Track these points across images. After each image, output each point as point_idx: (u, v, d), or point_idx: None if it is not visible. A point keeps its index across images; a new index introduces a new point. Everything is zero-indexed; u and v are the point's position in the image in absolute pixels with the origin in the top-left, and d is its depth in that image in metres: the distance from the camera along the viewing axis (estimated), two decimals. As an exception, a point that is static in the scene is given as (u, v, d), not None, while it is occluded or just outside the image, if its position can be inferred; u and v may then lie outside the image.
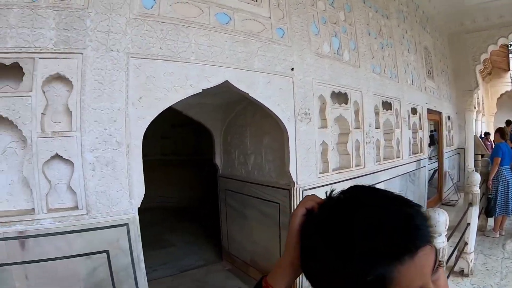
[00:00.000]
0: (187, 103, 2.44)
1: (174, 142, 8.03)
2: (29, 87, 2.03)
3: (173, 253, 5.13)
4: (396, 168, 4.90)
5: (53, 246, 2.09)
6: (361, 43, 4.18)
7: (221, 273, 4.36)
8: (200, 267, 4.56)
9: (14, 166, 2.19)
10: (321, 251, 0.64)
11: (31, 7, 2.04)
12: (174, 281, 4.12)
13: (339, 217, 0.62)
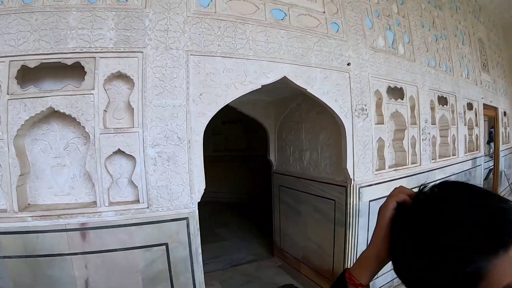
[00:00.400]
0: (240, 100, 2.46)
1: (225, 138, 8.15)
2: (91, 86, 2.14)
3: (224, 247, 5.22)
4: (451, 166, 4.66)
5: (113, 238, 2.20)
6: (415, 36, 4.01)
7: (272, 269, 4.38)
8: (251, 262, 4.61)
9: (76, 161, 2.33)
10: (415, 244, 0.63)
11: (90, 9, 2.15)
12: (225, 274, 4.20)
13: (433, 211, 0.62)
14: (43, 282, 2.18)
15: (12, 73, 2.10)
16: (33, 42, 2.10)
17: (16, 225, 2.13)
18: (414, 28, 4.03)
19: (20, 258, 2.15)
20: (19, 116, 2.10)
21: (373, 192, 3.22)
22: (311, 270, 3.81)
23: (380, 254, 0.75)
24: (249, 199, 7.91)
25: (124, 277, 2.27)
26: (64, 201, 2.34)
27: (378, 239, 0.75)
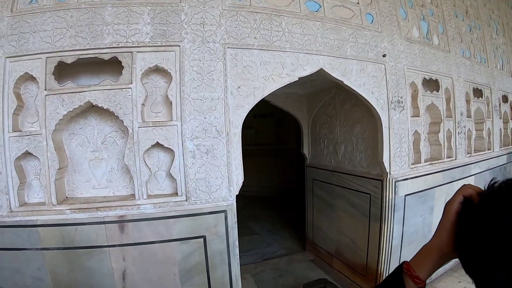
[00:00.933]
0: (274, 93, 2.43)
1: (255, 132, 8.10)
2: (129, 80, 2.16)
3: (255, 241, 5.23)
4: (487, 161, 4.49)
5: (151, 230, 2.23)
6: (449, 26, 3.87)
7: (304, 263, 4.35)
8: (283, 256, 4.60)
9: (114, 154, 2.37)
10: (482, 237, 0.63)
11: (125, 5, 2.17)
12: (257, 268, 4.22)
13: (501, 205, 0.61)
14: (81, 274, 2.24)
15: (49, 69, 2.15)
16: (70, 38, 2.14)
17: (54, 218, 2.18)
18: (448, 18, 3.89)
19: (58, 250, 2.21)
20: (57, 111, 2.15)
21: (409, 186, 3.15)
22: (344, 264, 3.78)
23: (443, 248, 0.74)
24: (280, 193, 7.93)
25: (161, 269, 2.30)
26: (101, 194, 2.38)
27: (443, 232, 0.75)
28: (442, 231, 0.75)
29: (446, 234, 0.74)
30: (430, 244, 0.78)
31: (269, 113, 7.68)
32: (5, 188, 2.16)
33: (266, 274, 4.04)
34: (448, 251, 0.74)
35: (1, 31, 2.15)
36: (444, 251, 0.74)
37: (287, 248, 4.90)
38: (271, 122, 8.05)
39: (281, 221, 6.15)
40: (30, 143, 2.16)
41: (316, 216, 4.40)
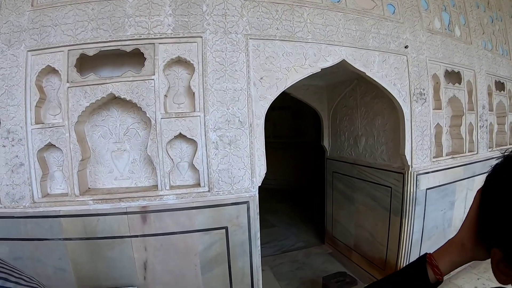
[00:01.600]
0: (294, 84, 2.41)
1: (273, 124, 7.92)
2: (151, 71, 2.17)
3: (274, 233, 5.23)
4: (508, 157, 4.40)
5: (174, 221, 2.24)
6: (470, 17, 3.78)
7: (322, 256, 4.35)
8: (301, 249, 4.60)
9: (136, 145, 2.39)
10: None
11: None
12: (275, 260, 4.22)
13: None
14: (102, 264, 2.27)
15: (71, 62, 2.17)
16: (91, 31, 2.15)
17: (77, 208, 2.21)
18: (470, 9, 3.80)
19: (81, 240, 2.24)
20: (79, 103, 2.17)
21: (430, 180, 3.10)
22: (363, 258, 3.76)
23: (464, 242, 0.74)
24: (298, 186, 7.89)
25: (182, 259, 2.31)
26: (124, 185, 2.41)
27: (465, 226, 0.75)
28: (463, 226, 0.75)
29: (468, 229, 0.74)
30: (453, 238, 0.78)
31: (287, 106, 7.57)
32: (28, 179, 2.20)
33: (285, 266, 4.05)
34: (469, 246, 0.73)
35: (22, 25, 2.18)
36: (466, 245, 0.74)
37: (305, 241, 4.90)
38: (289, 115, 7.98)
39: (299, 214, 6.14)
40: (52, 135, 2.19)
41: (335, 209, 4.38)
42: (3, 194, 2.20)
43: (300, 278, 3.72)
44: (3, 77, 2.16)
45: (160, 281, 2.32)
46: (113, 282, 2.28)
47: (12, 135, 2.17)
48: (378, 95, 3.19)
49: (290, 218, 5.96)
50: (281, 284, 3.60)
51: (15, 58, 2.17)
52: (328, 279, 3.08)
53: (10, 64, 2.17)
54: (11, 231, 2.20)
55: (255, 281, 2.44)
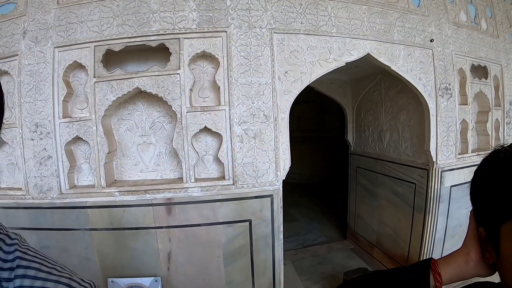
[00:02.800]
0: (318, 79, 2.40)
1: (297, 118, 7.82)
2: (176, 66, 2.19)
3: (296, 227, 5.23)
4: (534, 155, 4.27)
5: (198, 213, 2.27)
6: (497, 9, 3.67)
7: (344, 251, 4.32)
8: (322, 244, 4.59)
9: (161, 139, 2.43)
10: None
11: None
12: (297, 255, 4.22)
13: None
14: (126, 254, 2.32)
15: (97, 57, 2.22)
16: (117, 27, 2.20)
17: (103, 200, 2.27)
18: (496, 1, 3.70)
19: (106, 230, 2.30)
20: (106, 97, 2.22)
21: (455, 177, 3.04)
22: (385, 255, 3.72)
23: (469, 253, 0.74)
24: (321, 180, 7.85)
25: (205, 251, 2.35)
26: (149, 178, 2.46)
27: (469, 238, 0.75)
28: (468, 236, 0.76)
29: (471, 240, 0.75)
30: (459, 249, 0.78)
31: (311, 100, 7.47)
32: (56, 171, 2.26)
33: (306, 261, 4.05)
34: (475, 258, 0.74)
35: (49, 22, 2.24)
36: (471, 257, 0.74)
37: (327, 236, 4.89)
38: (314, 109, 7.89)
39: (321, 209, 6.11)
40: (80, 128, 2.25)
41: (358, 205, 4.35)
42: (31, 186, 2.28)
43: (321, 273, 3.71)
44: (31, 73, 2.22)
45: (183, 272, 2.36)
46: (137, 272, 2.33)
47: (40, 129, 2.24)
48: (403, 90, 3.15)
49: (312, 213, 5.95)
50: (302, 279, 3.60)
51: (42, 55, 2.23)
52: (349, 275, 3.06)
53: (38, 61, 2.24)
54: (39, 221, 2.27)
55: (276, 275, 2.45)
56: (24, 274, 0.51)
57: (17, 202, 2.29)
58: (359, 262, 3.94)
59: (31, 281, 0.50)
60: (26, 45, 2.25)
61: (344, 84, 4.20)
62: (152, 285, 2.31)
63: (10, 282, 0.49)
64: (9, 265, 0.51)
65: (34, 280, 0.50)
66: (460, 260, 0.75)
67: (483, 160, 0.72)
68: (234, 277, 2.41)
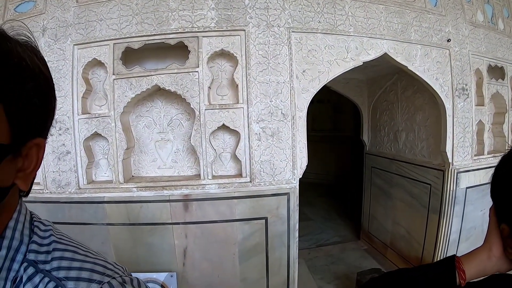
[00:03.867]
0: (334, 78, 2.40)
1: (312, 118, 7.72)
2: (195, 63, 2.22)
3: (310, 226, 5.23)
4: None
5: (215, 210, 2.30)
6: (514, 9, 3.64)
7: (357, 251, 4.32)
8: (336, 244, 4.59)
9: (179, 136, 2.46)
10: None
11: None
12: (310, 254, 4.24)
13: None
14: (143, 249, 2.36)
15: (116, 55, 2.25)
16: (136, 25, 2.23)
17: (121, 195, 2.31)
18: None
19: (123, 225, 2.34)
20: (125, 94, 2.25)
21: (471, 178, 3.01)
22: (398, 256, 3.71)
23: (492, 249, 0.76)
24: (335, 180, 7.84)
25: (221, 248, 2.37)
26: (166, 174, 2.49)
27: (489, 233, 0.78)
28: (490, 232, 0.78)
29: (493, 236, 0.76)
30: (481, 246, 0.80)
31: (326, 99, 7.52)
32: (74, 166, 2.31)
33: (319, 260, 4.06)
34: (497, 254, 0.75)
35: (68, 20, 2.28)
36: (493, 252, 0.75)
37: (341, 236, 4.89)
38: (329, 108, 7.88)
39: (336, 209, 6.11)
40: (98, 124, 2.29)
41: (372, 205, 4.33)
42: (50, 180, 2.32)
43: (334, 272, 3.72)
44: (50, 70, 2.21)
45: (199, 268, 2.39)
46: (153, 267, 2.36)
47: (59, 125, 2.28)
48: (419, 90, 3.13)
49: (327, 212, 5.95)
50: (315, 278, 3.61)
51: (61, 52, 2.28)
52: (363, 275, 3.05)
53: (57, 58, 2.28)
54: (56, 215, 2.31)
55: (291, 273, 2.46)
56: (62, 256, 0.53)
57: (35, 196, 2.32)
58: (372, 262, 3.93)
59: (69, 262, 0.52)
60: (46, 42, 2.29)
61: (360, 83, 4.19)
62: (167, 280, 2.33)
63: (47, 264, 0.51)
64: (45, 248, 0.53)
65: (72, 261, 0.52)
66: (483, 257, 0.76)
67: (503, 157, 0.74)
68: (249, 275, 2.43)
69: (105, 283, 0.50)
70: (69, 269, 0.51)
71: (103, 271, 0.53)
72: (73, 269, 0.51)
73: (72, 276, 0.50)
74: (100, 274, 0.52)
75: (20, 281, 0.49)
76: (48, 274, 0.50)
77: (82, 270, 0.51)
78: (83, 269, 0.52)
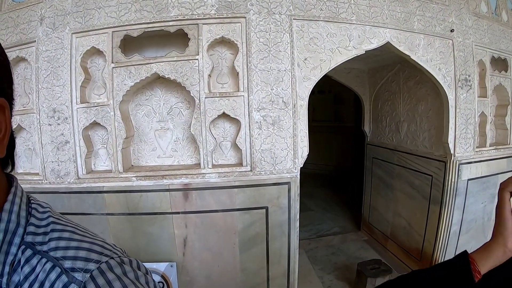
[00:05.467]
0: (335, 67, 2.38)
1: (313, 108, 7.79)
2: (195, 51, 2.19)
3: (310, 217, 5.26)
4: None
5: (215, 199, 2.29)
6: (518, 2, 3.60)
7: (357, 242, 4.34)
8: (336, 234, 4.62)
9: (179, 124, 2.45)
10: None
11: None
12: (310, 244, 4.25)
13: None
14: (142, 239, 2.35)
15: (115, 43, 2.23)
16: (135, 12, 2.20)
17: (120, 185, 2.30)
18: (517, -7, 3.61)
19: (123, 215, 2.33)
20: (124, 82, 2.23)
21: (473, 170, 3.00)
22: (399, 247, 3.71)
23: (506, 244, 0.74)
24: (336, 171, 7.86)
25: (221, 237, 2.36)
26: (166, 163, 2.48)
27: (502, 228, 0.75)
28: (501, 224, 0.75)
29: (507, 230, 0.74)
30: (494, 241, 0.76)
31: (327, 90, 7.52)
32: (73, 156, 2.29)
33: (319, 250, 4.08)
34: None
35: (66, 8, 2.25)
36: (508, 247, 0.73)
37: (341, 226, 4.91)
38: (330, 99, 7.86)
39: (336, 200, 6.13)
40: (97, 113, 2.27)
41: (373, 196, 4.33)
42: (48, 171, 2.31)
43: (334, 263, 3.73)
44: (49, 59, 2.24)
45: (199, 258, 2.38)
46: (152, 257, 2.35)
47: (58, 114, 2.27)
48: (421, 80, 3.11)
49: (327, 203, 5.97)
50: (315, 268, 3.63)
51: (60, 41, 2.25)
52: (363, 266, 3.06)
53: (55, 47, 2.25)
54: (55, 205, 2.22)
55: (291, 263, 2.45)
56: (60, 236, 0.53)
57: (34, 187, 2.32)
58: (372, 253, 3.94)
59: (67, 242, 0.52)
60: (44, 31, 2.27)
61: (361, 73, 4.17)
62: (167, 270, 2.33)
63: (44, 245, 0.51)
64: (42, 230, 0.53)
65: (70, 241, 0.52)
66: (499, 253, 0.74)
67: None
68: (249, 264, 2.42)
69: (103, 262, 0.50)
70: (66, 248, 0.51)
71: (101, 251, 0.53)
72: (70, 248, 0.51)
73: (70, 256, 0.50)
74: (98, 254, 0.52)
75: (18, 263, 0.49)
76: (45, 254, 0.50)
77: (79, 249, 0.51)
78: (81, 248, 0.52)
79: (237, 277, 2.43)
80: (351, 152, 7.26)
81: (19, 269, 0.48)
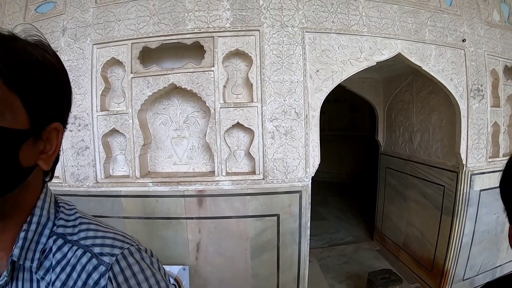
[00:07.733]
0: (349, 77, 2.42)
1: (329, 117, 7.86)
2: (211, 63, 2.28)
3: (323, 226, 5.23)
4: None
5: (228, 206, 2.36)
6: (532, 9, 3.57)
7: (370, 252, 4.31)
8: (349, 243, 4.59)
9: (195, 133, 2.53)
10: None
11: None
12: (323, 253, 4.25)
13: None
14: (157, 242, 2.42)
15: (134, 54, 2.33)
16: (153, 25, 2.30)
17: (137, 189, 2.39)
18: (531, -2, 3.58)
19: (139, 219, 2.42)
20: (142, 92, 2.32)
21: (485, 181, 2.96)
22: (410, 258, 3.68)
23: None
24: (351, 180, 7.81)
25: (233, 243, 2.42)
26: (182, 170, 2.57)
27: None
28: None
29: None
30: None
31: (342, 99, 7.51)
32: (92, 161, 2.40)
33: (332, 259, 4.07)
34: None
35: (87, 21, 2.37)
36: None
37: (354, 236, 4.88)
38: (345, 108, 7.84)
39: (350, 209, 6.08)
40: (117, 121, 2.37)
41: (386, 206, 4.31)
42: (68, 174, 2.43)
43: (346, 272, 3.72)
44: (70, 68, 2.35)
45: (211, 262, 2.45)
46: (166, 260, 2.42)
47: (78, 121, 2.38)
48: (434, 90, 3.11)
49: (341, 212, 5.93)
50: (327, 277, 3.63)
51: (81, 51, 2.37)
52: (374, 275, 3.05)
53: (77, 57, 2.38)
54: None
55: (301, 270, 2.49)
56: (88, 228, 0.62)
57: (55, 189, 2.36)
58: (385, 263, 3.92)
59: (94, 232, 0.62)
60: (66, 42, 2.39)
61: (375, 83, 4.18)
62: (180, 274, 2.39)
63: (74, 235, 0.60)
64: (71, 223, 0.63)
65: (96, 232, 0.62)
66: None
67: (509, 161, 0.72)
68: (260, 270, 2.47)
69: (126, 248, 0.60)
70: (95, 237, 0.60)
71: (123, 239, 0.63)
72: (98, 237, 0.61)
73: (98, 243, 0.59)
74: (121, 242, 0.61)
75: (49, 251, 0.58)
76: (76, 243, 0.59)
77: (105, 238, 0.61)
78: (106, 237, 0.61)
79: (249, 282, 2.48)
80: (365, 161, 7.23)
81: (51, 255, 0.57)
